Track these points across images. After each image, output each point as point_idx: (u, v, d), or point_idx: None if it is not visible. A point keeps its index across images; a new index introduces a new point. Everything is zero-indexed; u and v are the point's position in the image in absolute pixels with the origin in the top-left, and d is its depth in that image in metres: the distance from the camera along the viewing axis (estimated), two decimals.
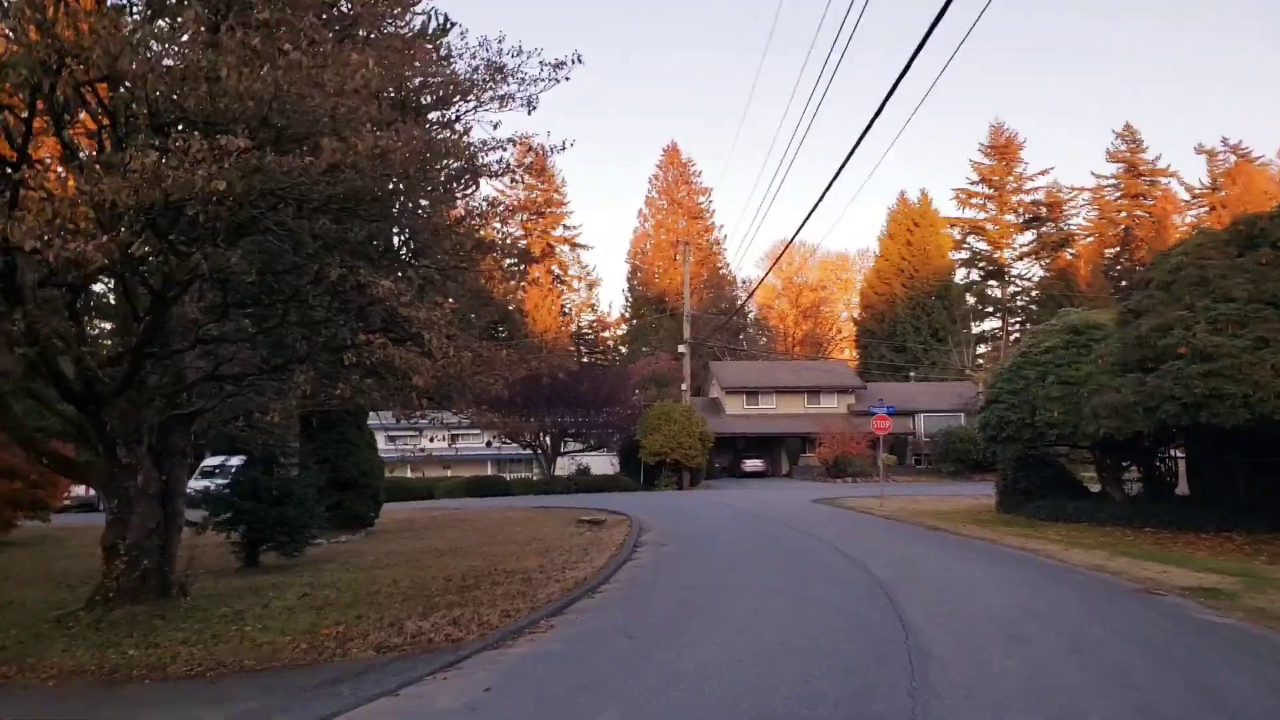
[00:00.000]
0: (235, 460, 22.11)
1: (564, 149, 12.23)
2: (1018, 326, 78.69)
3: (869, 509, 25.70)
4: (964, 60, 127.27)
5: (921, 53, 10.42)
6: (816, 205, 28.84)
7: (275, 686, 7.41)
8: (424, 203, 11.18)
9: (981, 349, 79.55)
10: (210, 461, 30.20)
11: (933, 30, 9.96)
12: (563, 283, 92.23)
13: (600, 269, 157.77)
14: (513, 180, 12.89)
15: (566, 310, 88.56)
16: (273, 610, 10.93)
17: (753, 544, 16.85)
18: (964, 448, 47.37)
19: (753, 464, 52.57)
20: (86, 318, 10.45)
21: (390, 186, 8.41)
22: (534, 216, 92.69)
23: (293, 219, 8.13)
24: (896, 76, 15.15)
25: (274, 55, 6.88)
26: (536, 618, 9.15)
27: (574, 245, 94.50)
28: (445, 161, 9.67)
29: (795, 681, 6.66)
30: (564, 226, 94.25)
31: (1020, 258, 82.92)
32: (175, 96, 6.86)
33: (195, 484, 24.60)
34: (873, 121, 13.29)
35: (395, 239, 11.28)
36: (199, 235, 8.01)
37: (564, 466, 43.82)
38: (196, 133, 6.88)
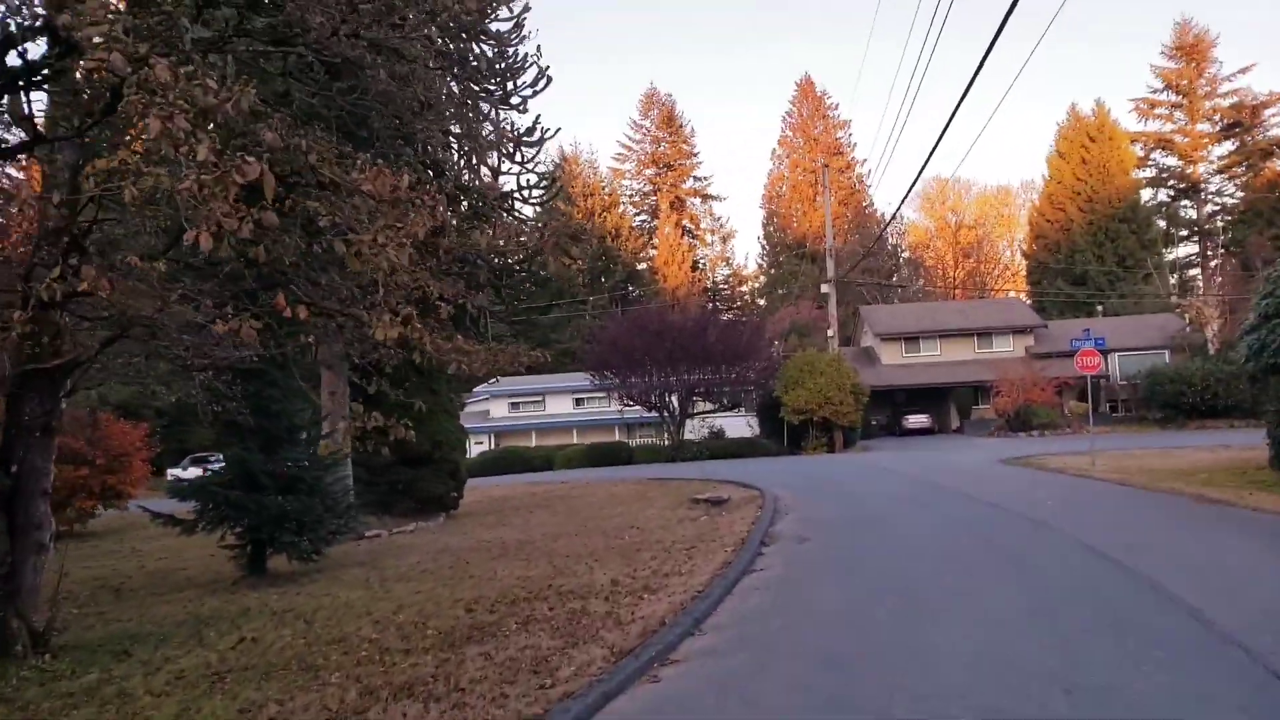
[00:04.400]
0: None
1: None
2: (1220, 251, 68.01)
3: (1082, 470, 19.70)
4: None
5: None
6: (948, 125, 22.96)
7: None
8: None
9: (1174, 278, 69.10)
10: None
11: None
12: (694, 237, 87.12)
13: (735, 221, 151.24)
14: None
15: (699, 265, 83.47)
16: (153, 684, 6.63)
17: (940, 537, 11.50)
18: (1174, 390, 39.65)
19: (916, 420, 46.11)
20: None
21: None
22: (661, 170, 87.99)
23: None
24: None
25: None
26: None
27: (705, 197, 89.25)
28: None
29: None
30: (694, 178, 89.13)
31: (1218, 172, 71.84)
32: None
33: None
34: (1004, 22, 8.55)
35: None
36: None
37: (695, 430, 38.94)
38: None
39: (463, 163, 16.94)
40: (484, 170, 17.12)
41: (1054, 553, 9.69)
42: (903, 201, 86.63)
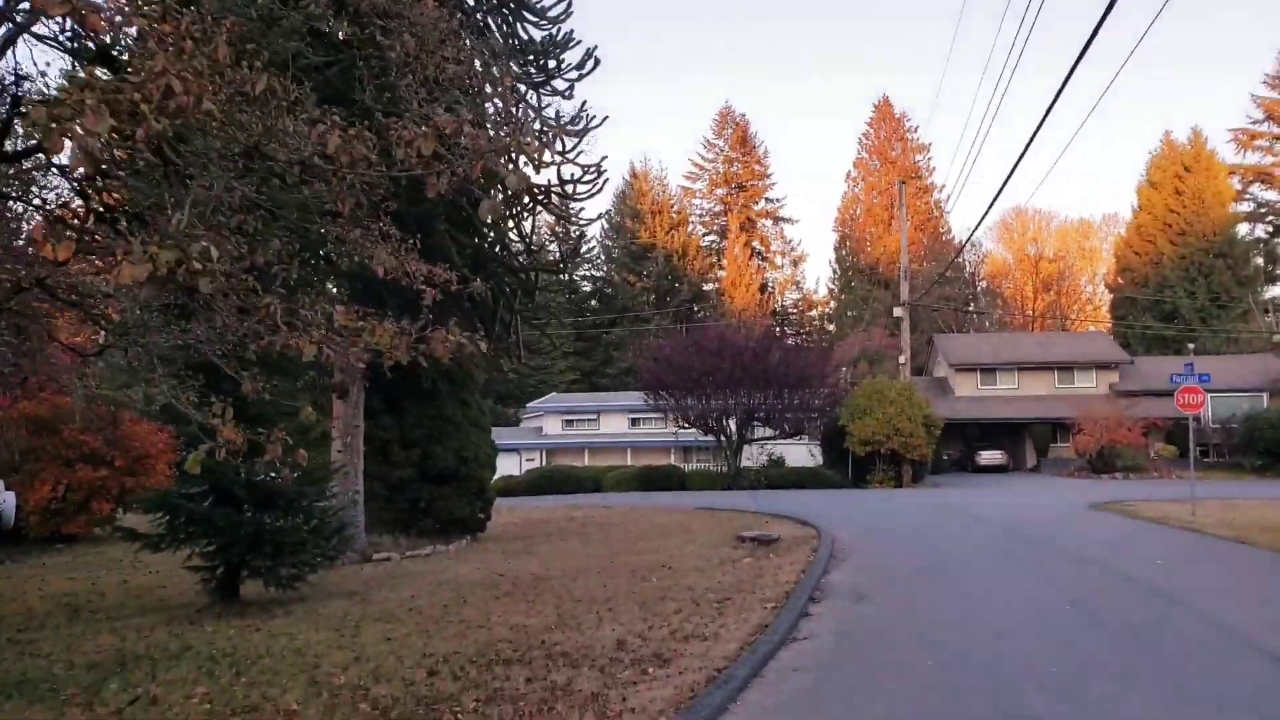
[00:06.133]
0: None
1: None
2: None
3: (1186, 522, 17.25)
4: None
5: None
6: (1025, 151, 20.99)
7: None
8: None
9: (1271, 317, 64.51)
10: None
11: None
12: (764, 259, 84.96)
13: (806, 245, 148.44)
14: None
15: (768, 288, 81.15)
16: None
17: (1032, 603, 9.37)
18: (1275, 436, 36.66)
19: (990, 456, 43.26)
20: None
21: None
22: (733, 190, 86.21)
23: None
24: None
25: None
26: None
27: (777, 219, 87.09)
28: None
29: None
30: (766, 200, 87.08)
31: None
32: None
33: None
34: (1088, 45, 9.95)
35: None
36: None
37: (753, 456, 36.79)
38: None
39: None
40: (522, 160, 15.57)
41: (1186, 635, 7.56)
42: (979, 223, 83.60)
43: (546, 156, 15.24)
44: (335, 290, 10.68)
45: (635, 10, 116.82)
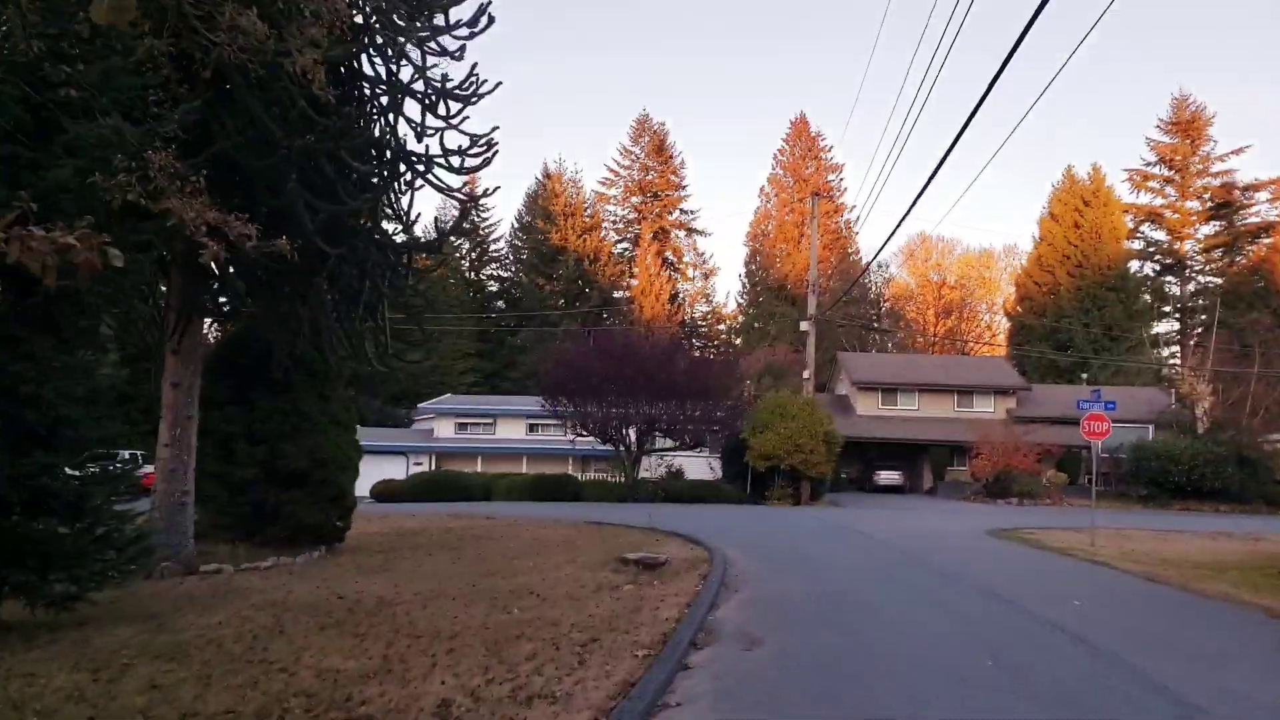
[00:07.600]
0: None
1: None
2: (1198, 331, 65.99)
3: (1089, 554, 16.62)
4: (1139, 16, 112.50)
5: None
6: (930, 180, 20.53)
7: None
8: None
9: (1154, 353, 66.63)
10: None
11: None
12: (676, 270, 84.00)
13: (718, 259, 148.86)
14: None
15: (678, 298, 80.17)
16: None
17: (948, 654, 8.04)
18: (1160, 468, 37.25)
19: (888, 476, 42.99)
20: None
21: None
22: (648, 198, 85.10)
23: None
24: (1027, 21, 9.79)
25: None
26: None
27: (690, 231, 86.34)
28: None
29: None
30: (680, 210, 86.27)
31: (1204, 250, 69.84)
32: None
33: None
34: (994, 82, 10.13)
35: None
36: None
37: (652, 468, 35.40)
38: None
39: (374, 113, 13.64)
40: (402, 124, 13.83)
41: (1133, 705, 6.34)
42: (885, 244, 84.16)
43: (431, 121, 13.45)
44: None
45: (559, 11, 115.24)
